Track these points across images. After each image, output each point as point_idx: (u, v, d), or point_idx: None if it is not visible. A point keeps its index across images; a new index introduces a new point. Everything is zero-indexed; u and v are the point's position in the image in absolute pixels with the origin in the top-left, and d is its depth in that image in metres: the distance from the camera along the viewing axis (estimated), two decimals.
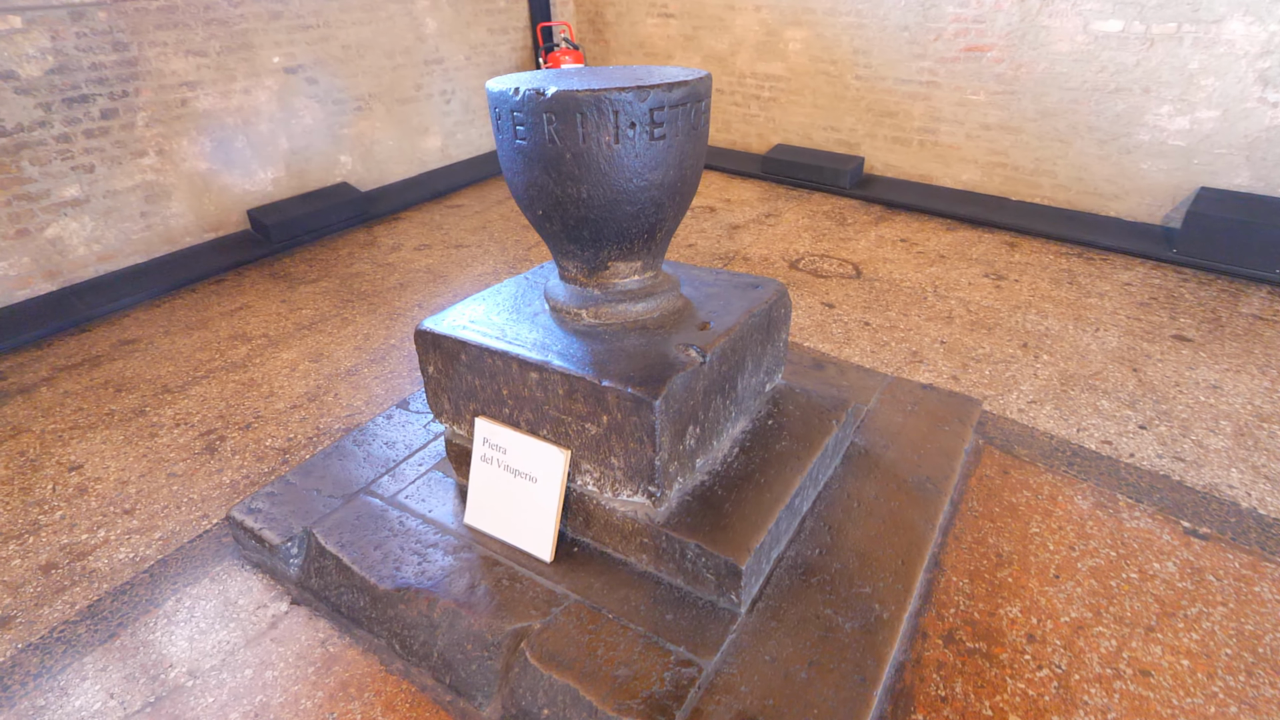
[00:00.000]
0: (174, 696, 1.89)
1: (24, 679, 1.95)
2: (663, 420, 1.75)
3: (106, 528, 2.47)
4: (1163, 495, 2.49)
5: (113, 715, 1.84)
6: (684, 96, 1.76)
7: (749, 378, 2.21)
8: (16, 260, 3.75)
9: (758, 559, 1.86)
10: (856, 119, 5.62)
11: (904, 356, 3.37)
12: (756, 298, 2.19)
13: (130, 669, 1.96)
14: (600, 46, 7.10)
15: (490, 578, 2.00)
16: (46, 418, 3.08)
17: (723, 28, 6.09)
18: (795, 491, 2.03)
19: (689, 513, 1.92)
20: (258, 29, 4.58)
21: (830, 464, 2.33)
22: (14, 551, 2.38)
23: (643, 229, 1.93)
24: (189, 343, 3.67)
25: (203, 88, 4.37)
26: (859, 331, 3.59)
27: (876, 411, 2.66)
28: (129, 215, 4.18)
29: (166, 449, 2.86)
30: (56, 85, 3.73)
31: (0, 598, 2.21)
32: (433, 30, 5.78)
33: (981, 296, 3.93)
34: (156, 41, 4.09)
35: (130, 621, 2.11)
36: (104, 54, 3.88)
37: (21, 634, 2.09)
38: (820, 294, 4.00)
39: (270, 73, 4.72)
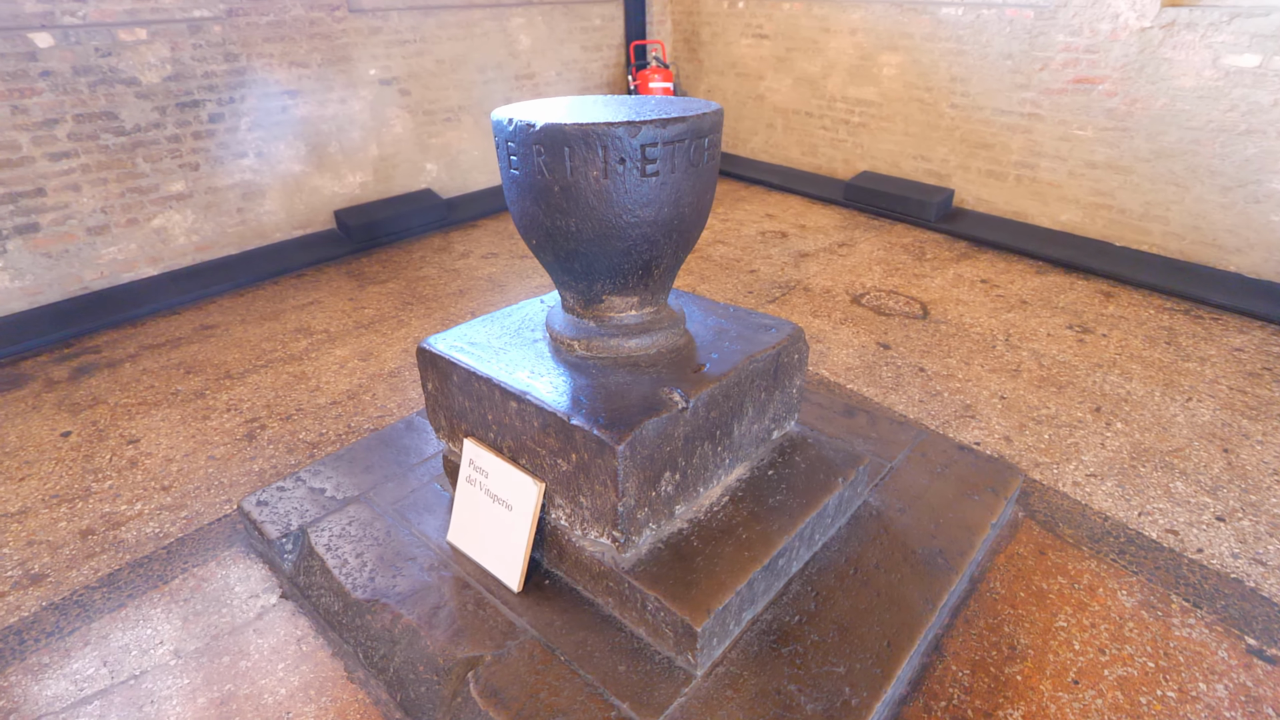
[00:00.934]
0: (155, 673, 1.99)
1: (38, 635, 2.12)
2: (627, 466, 1.69)
3: (144, 501, 2.66)
4: (1229, 603, 2.16)
5: (100, 683, 1.97)
6: (681, 133, 1.69)
7: (749, 425, 2.09)
8: (125, 246, 4.15)
9: (720, 621, 1.75)
10: (949, 149, 5.30)
11: (955, 410, 3.12)
12: (763, 342, 2.08)
13: (126, 640, 2.09)
14: (694, 65, 7.08)
15: (457, 600, 1.99)
16: (122, 391, 3.37)
17: (816, 50, 5.93)
18: (779, 552, 1.91)
19: (658, 562, 1.84)
20: (357, 43, 4.86)
21: (833, 524, 2.18)
22: (63, 514, 2.61)
23: (636, 265, 1.87)
24: (259, 332, 3.92)
25: (302, 96, 4.68)
26: (911, 377, 3.36)
27: (901, 470, 2.47)
28: (227, 210, 4.53)
29: (213, 432, 3.06)
30: (172, 91, 4.10)
31: (41, 555, 2.42)
32: (525, 47, 5.95)
33: (1059, 350, 3.59)
34: (264, 53, 4.42)
35: (139, 594, 2.26)
36: (216, 64, 4.24)
37: (48, 592, 2.27)
38: (878, 333, 3.78)
39: (366, 84, 5.00)
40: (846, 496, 2.19)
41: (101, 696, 1.93)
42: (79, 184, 3.90)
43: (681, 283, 4.46)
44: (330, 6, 4.66)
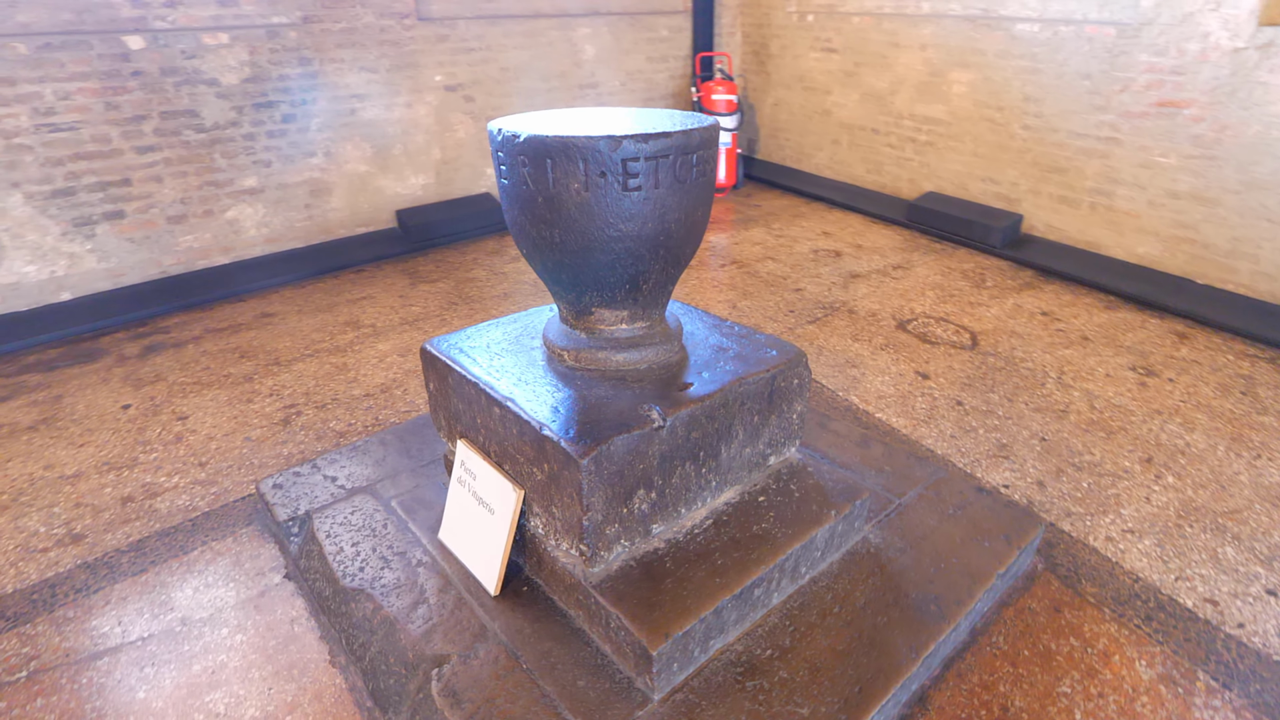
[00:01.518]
0: (161, 637, 2.12)
1: (68, 591, 2.29)
2: (592, 480, 1.68)
3: (181, 475, 2.84)
4: (1265, 688, 1.96)
5: (111, 640, 2.11)
6: (665, 148, 1.68)
7: (739, 448, 2.05)
8: (200, 235, 4.45)
9: (681, 646, 1.72)
10: (1019, 172, 5.04)
11: (988, 448, 2.95)
12: (759, 364, 2.03)
13: (141, 604, 2.24)
14: (761, 78, 7.01)
15: (437, 598, 2.03)
16: (182, 371, 3.61)
17: (884, 65, 5.76)
18: (754, 581, 1.85)
19: (627, 580, 1.82)
20: (424, 50, 5.06)
21: (824, 557, 2.10)
22: (110, 480, 2.81)
23: (622, 279, 1.87)
24: (312, 323, 4.12)
25: (370, 100, 4.91)
26: (947, 410, 3.21)
27: (910, 507, 2.36)
28: (295, 206, 4.79)
29: (254, 415, 3.24)
30: (249, 92, 4.38)
31: (84, 516, 2.62)
32: (590, 56, 6.04)
33: (1116, 393, 3.35)
34: (336, 58, 4.67)
35: (160, 562, 2.41)
36: (291, 67, 4.50)
37: (84, 552, 2.46)
38: (919, 361, 3.63)
39: (431, 89, 5.19)
40: (840, 531, 2.11)
41: (110, 654, 2.07)
42: (161, 176, 4.21)
43: (720, 297, 4.42)
44: (400, 14, 4.87)
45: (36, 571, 2.37)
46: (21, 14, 3.64)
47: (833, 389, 3.39)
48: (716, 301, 4.35)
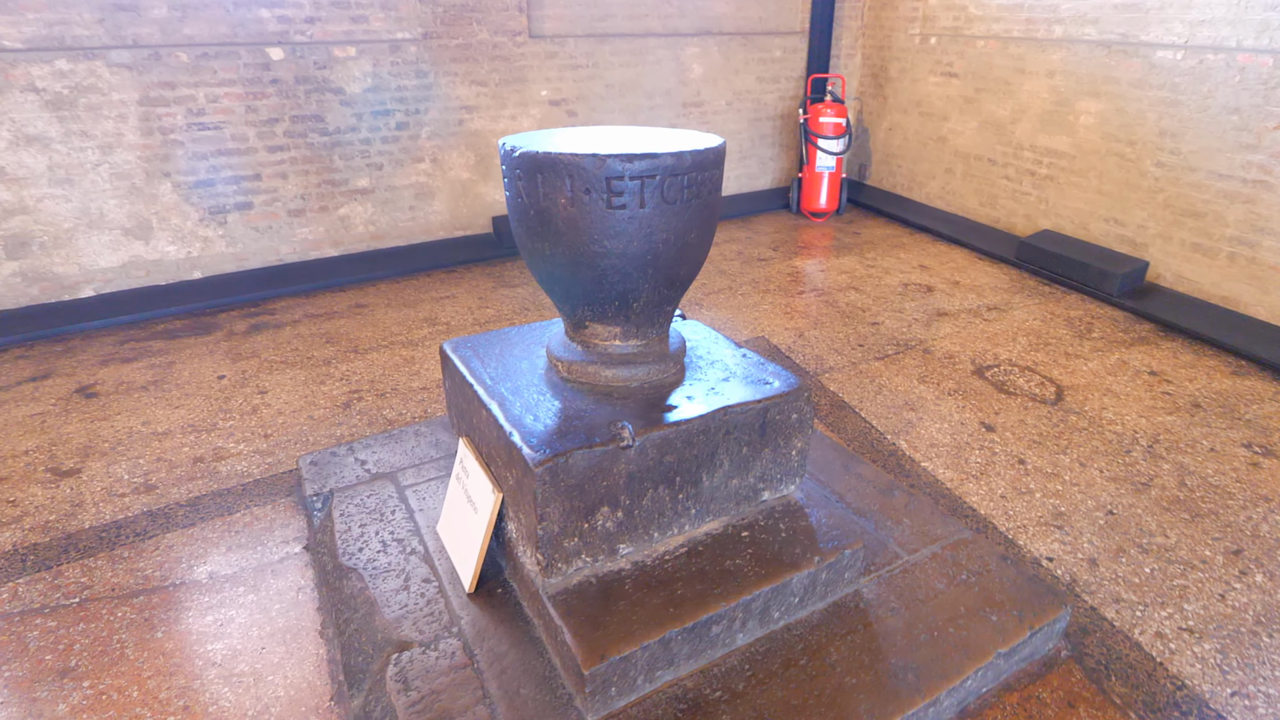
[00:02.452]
0: (188, 586, 2.35)
1: (130, 535, 2.60)
2: (547, 491, 1.70)
3: (246, 443, 3.14)
4: None
5: (150, 582, 2.37)
6: (650, 169, 1.68)
7: (725, 478, 1.99)
8: (315, 229, 4.90)
9: (620, 671, 1.69)
10: (1149, 214, 4.54)
11: (1041, 514, 2.68)
12: (752, 395, 1.97)
13: (181, 554, 2.50)
14: (879, 102, 6.76)
15: (417, 587, 2.12)
16: (274, 349, 4.00)
17: (1007, 92, 5.39)
18: (710, 618, 1.79)
19: (582, 595, 1.82)
20: (533, 66, 5.31)
21: (803, 604, 1.99)
22: (190, 441, 3.16)
23: (611, 296, 1.88)
24: (395, 317, 4.43)
25: (478, 111, 5.21)
26: (1005, 468, 2.95)
27: (917, 566, 2.18)
28: (400, 207, 5.17)
29: (322, 396, 3.52)
30: (369, 100, 4.78)
31: (160, 470, 2.96)
32: (697, 75, 6.09)
33: (1218, 471, 2.94)
34: (449, 72, 5.00)
35: (209, 519, 2.67)
36: (408, 79, 4.87)
37: (151, 501, 2.77)
38: (988, 412, 3.35)
39: (537, 103, 5.43)
40: (825, 579, 1.99)
41: (146, 594, 2.33)
42: (287, 173, 4.68)
43: (788, 324, 4.29)
44: (513, 32, 5.14)
45: (111, 513, 2.70)
46: (188, 27, 4.20)
47: (881, 431, 3.21)
48: (783, 328, 4.24)
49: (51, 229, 4.09)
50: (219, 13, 4.23)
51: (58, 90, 3.88)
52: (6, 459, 3.01)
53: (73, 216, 4.13)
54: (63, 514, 2.69)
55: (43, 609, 2.26)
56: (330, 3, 4.53)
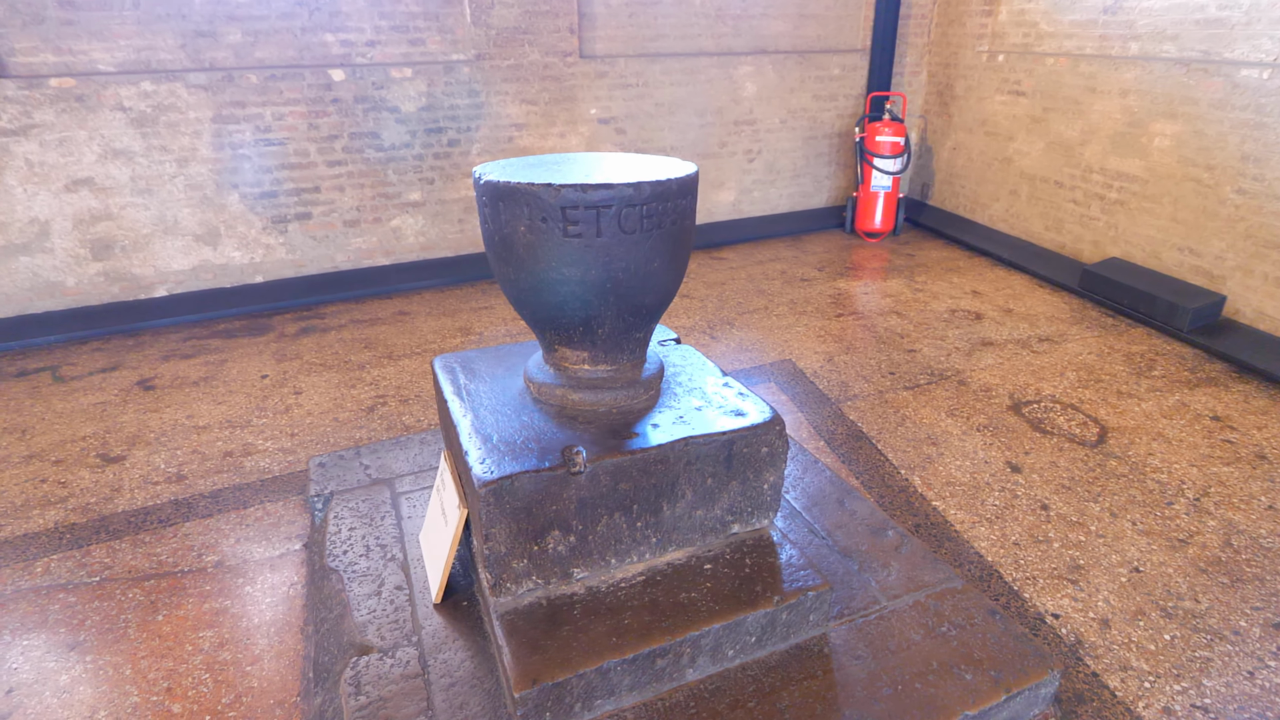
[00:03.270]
0: (194, 574, 2.51)
1: (154, 521, 2.80)
2: (491, 511, 1.72)
3: (274, 441, 3.32)
4: None
5: (165, 568, 2.54)
6: (606, 199, 1.69)
7: (689, 509, 1.97)
8: (368, 239, 5.15)
9: (554, 697, 1.69)
10: (1227, 244, 4.18)
11: (1056, 566, 2.50)
12: (717, 426, 1.94)
13: (194, 543, 2.66)
14: (943, 121, 6.52)
15: (389, 594, 2.18)
16: (316, 352, 4.22)
17: (1077, 112, 5.09)
18: (657, 650, 1.77)
19: (529, 616, 1.83)
20: (583, 85, 5.41)
21: (761, 645, 1.93)
22: (224, 435, 3.37)
23: (574, 322, 1.89)
24: (433, 325, 4.59)
25: (527, 129, 5.35)
26: (1024, 513, 2.77)
27: (895, 614, 2.08)
28: (450, 220, 5.36)
29: (349, 399, 3.69)
30: (423, 119, 5.00)
31: (193, 462, 3.17)
32: (750, 93, 6.05)
33: (1271, 532, 2.67)
34: (500, 91, 5.16)
35: (224, 510, 2.85)
36: (460, 98, 5.06)
37: (179, 490, 2.98)
38: (1016, 451, 3.16)
39: (585, 121, 5.53)
40: (785, 620, 1.93)
41: (156, 579, 2.49)
42: (344, 186, 4.95)
43: (817, 348, 4.18)
44: (564, 53, 5.26)
45: (142, 500, 2.92)
46: (259, 51, 4.51)
47: (895, 465, 3.08)
48: (812, 352, 4.13)
49: (132, 234, 4.47)
50: (288, 38, 4.53)
51: (142, 109, 4.25)
52: (66, 443, 3.30)
53: (151, 223, 4.50)
54: (102, 497, 2.93)
55: (67, 585, 2.47)
56: (390, 27, 4.77)
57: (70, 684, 2.09)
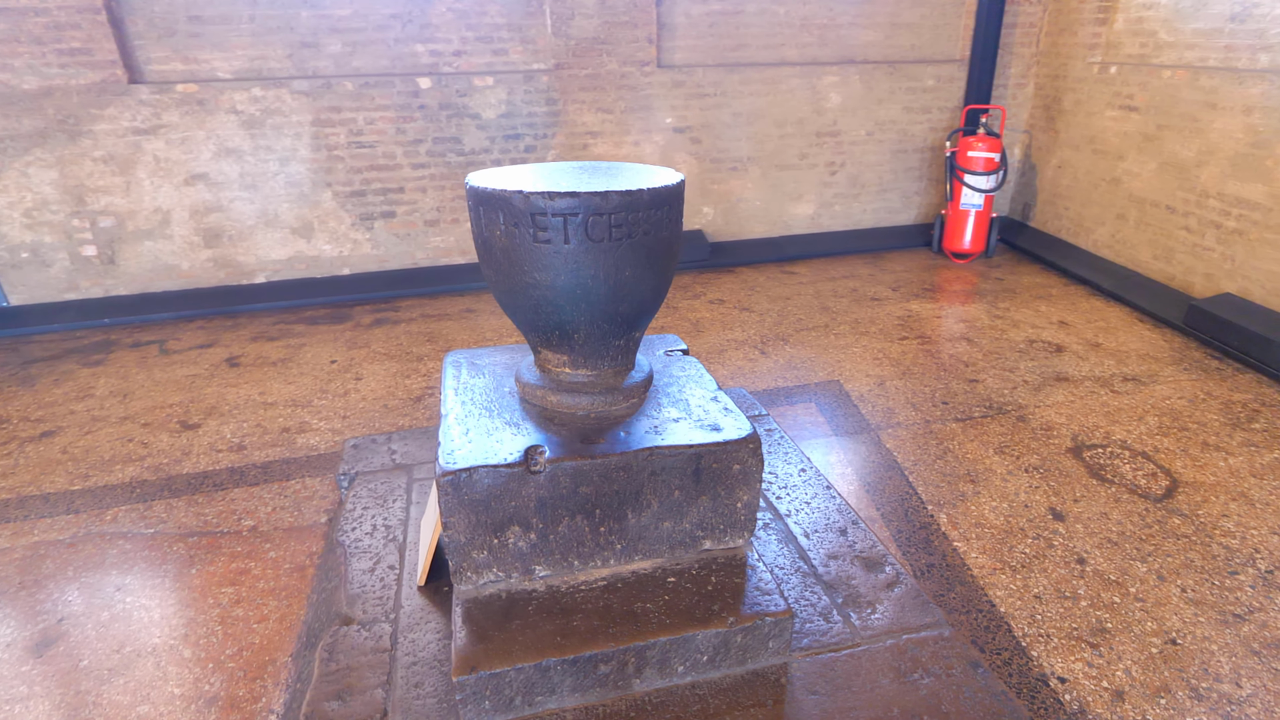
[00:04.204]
0: (230, 536, 2.76)
1: (210, 485, 3.09)
2: (449, 501, 1.80)
3: (327, 421, 3.59)
4: None
5: (209, 527, 2.81)
6: (571, 207, 1.72)
7: (655, 520, 1.97)
8: (446, 238, 5.44)
9: (492, 686, 1.74)
10: None
11: (1078, 626, 2.30)
12: (685, 439, 1.93)
13: (238, 508, 2.92)
14: (1049, 136, 6.08)
15: (382, 571, 2.31)
16: (384, 342, 4.50)
17: (1194, 130, 4.61)
18: (598, 655, 1.78)
19: (486, 606, 1.89)
20: (659, 95, 5.47)
21: (715, 665, 1.89)
22: (286, 413, 3.67)
23: (550, 326, 1.94)
24: (495, 324, 4.79)
25: (602, 137, 5.47)
26: (1056, 565, 2.56)
27: (867, 655, 1.98)
28: None
29: (402, 388, 3.91)
30: (501, 125, 5.23)
31: (254, 434, 3.48)
32: (834, 104, 5.89)
33: None
34: (577, 100, 5.31)
35: (270, 481, 3.10)
36: (538, 106, 5.25)
37: (237, 459, 3.27)
38: (1064, 497, 2.92)
39: (660, 130, 5.59)
40: (740, 644, 1.88)
41: (199, 536, 2.76)
42: (426, 188, 5.25)
43: (871, 370, 4.02)
44: (641, 62, 5.34)
45: (205, 465, 3.23)
46: (356, 60, 4.89)
47: (923, 499, 2.91)
48: (864, 375, 3.98)
49: (238, 225, 4.96)
50: (382, 48, 4.88)
51: (252, 112, 4.71)
52: (156, 408, 3.71)
53: (255, 216, 4.97)
54: (173, 459, 3.27)
55: (127, 534, 2.78)
56: (476, 38, 5.03)
57: (109, 620, 2.36)
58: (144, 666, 2.17)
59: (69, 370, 4.12)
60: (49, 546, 2.69)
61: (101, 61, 4.29)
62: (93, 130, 4.44)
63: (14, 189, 4.45)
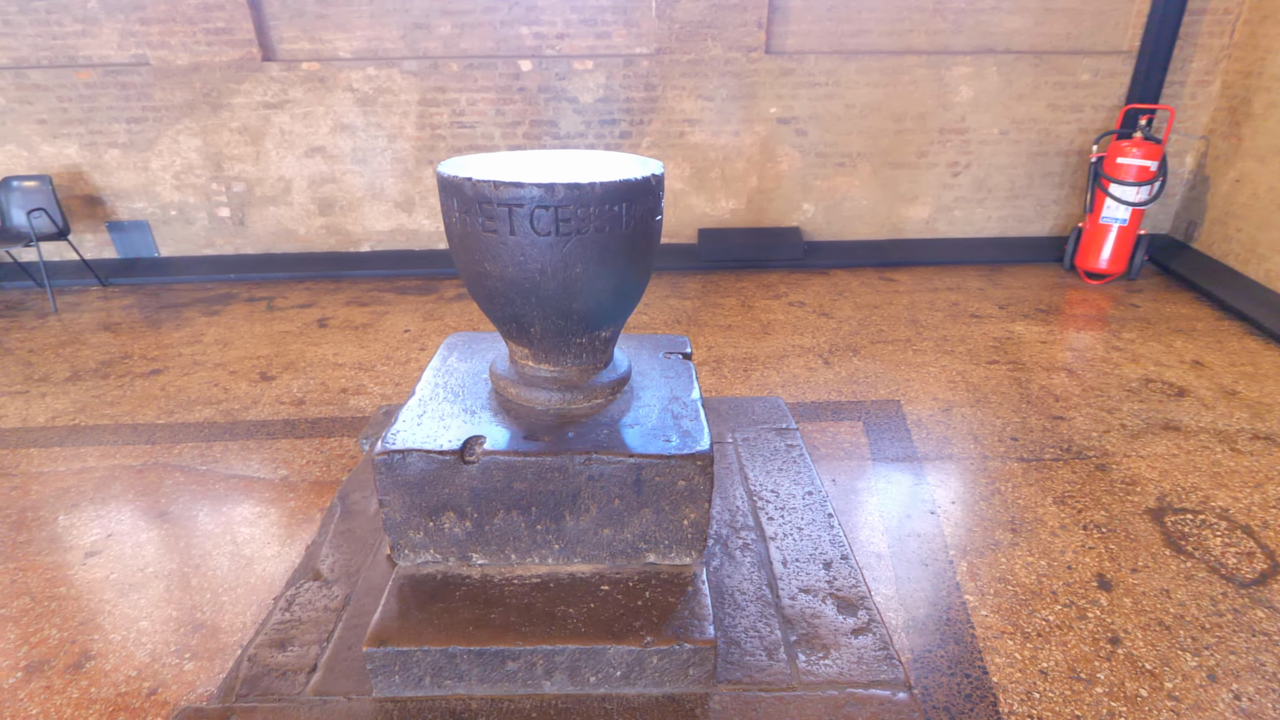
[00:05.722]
0: (265, 482, 3.01)
1: (263, 434, 3.39)
2: (384, 479, 1.85)
3: (381, 387, 3.81)
4: None
5: (250, 471, 3.09)
6: (515, 198, 1.69)
7: (594, 525, 1.92)
8: None
9: (399, 663, 1.77)
10: None
11: (1080, 714, 1.97)
12: (626, 446, 1.85)
13: (280, 457, 3.19)
14: (1230, 145, 5.19)
15: (365, 535, 2.43)
16: (457, 316, 4.71)
17: None
18: (505, 651, 1.76)
19: (419, 584, 1.93)
20: (765, 83, 5.25)
21: (630, 682, 1.81)
22: (351, 374, 3.95)
23: (506, 317, 1.92)
24: None
25: (700, 126, 5.35)
26: (1081, 641, 2.21)
27: (800, 703, 1.80)
28: None
29: None
30: (598, 110, 5.25)
31: (316, 391, 3.76)
32: (964, 99, 5.37)
33: None
34: (677, 86, 5.22)
35: (314, 436, 3.35)
36: (636, 91, 5.22)
37: (294, 413, 3.57)
38: (1121, 564, 2.51)
39: (762, 121, 5.37)
40: (655, 665, 1.79)
41: (240, 478, 3.04)
42: None
43: (941, 393, 3.65)
44: (748, 48, 5.14)
45: (267, 415, 3.55)
46: (463, 42, 5.10)
47: (947, 541, 2.62)
48: (930, 398, 3.63)
49: (349, 196, 5.36)
50: (488, 30, 5.05)
51: (365, 91, 5.06)
52: (244, 359, 4.12)
53: (363, 189, 5.35)
54: (243, 406, 3.62)
55: (184, 467, 3.12)
56: (580, 20, 5.07)
57: (144, 542, 2.66)
58: (155, 588, 2.43)
59: (190, 318, 4.68)
60: (123, 470, 3.08)
61: (240, 40, 4.79)
62: (230, 103, 4.98)
63: (167, 154, 5.09)
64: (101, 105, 4.96)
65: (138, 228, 5.31)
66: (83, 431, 3.37)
